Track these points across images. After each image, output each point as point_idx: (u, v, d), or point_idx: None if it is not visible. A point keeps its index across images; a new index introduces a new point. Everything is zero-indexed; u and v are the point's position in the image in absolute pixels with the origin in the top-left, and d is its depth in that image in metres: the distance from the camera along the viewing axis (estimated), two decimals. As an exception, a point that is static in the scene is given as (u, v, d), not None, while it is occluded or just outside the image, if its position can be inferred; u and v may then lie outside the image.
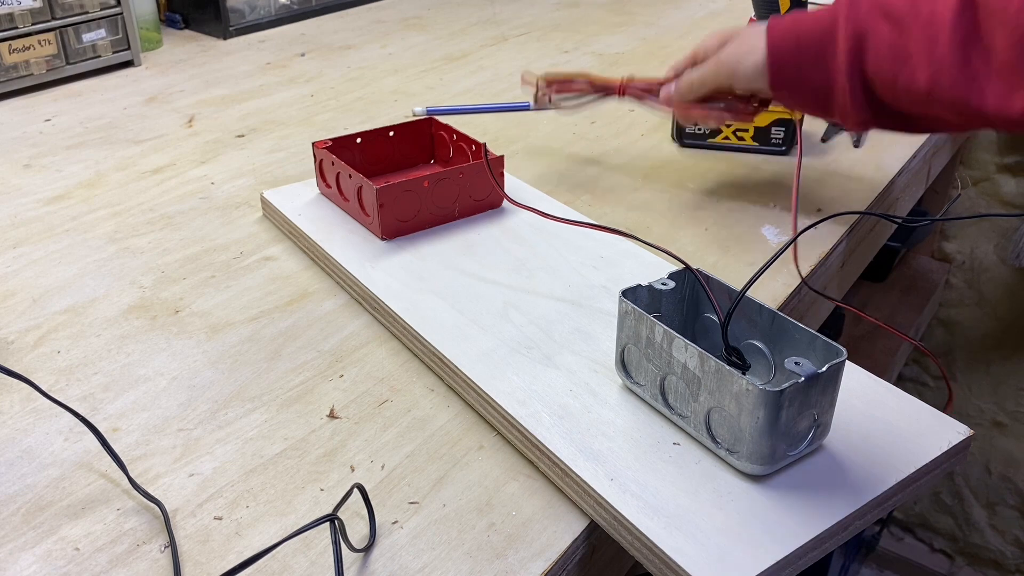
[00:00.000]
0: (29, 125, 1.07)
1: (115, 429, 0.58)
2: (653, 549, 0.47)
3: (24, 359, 0.65)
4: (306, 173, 0.91)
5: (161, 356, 0.65)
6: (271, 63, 1.29)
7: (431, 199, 0.76)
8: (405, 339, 0.66)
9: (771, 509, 0.49)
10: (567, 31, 1.42)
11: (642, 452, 0.53)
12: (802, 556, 0.47)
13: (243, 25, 1.41)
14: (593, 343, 0.62)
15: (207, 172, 0.94)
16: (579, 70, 0.93)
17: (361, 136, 0.84)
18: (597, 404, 0.57)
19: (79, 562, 0.48)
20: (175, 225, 0.84)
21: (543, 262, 0.72)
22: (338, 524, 0.47)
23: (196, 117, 1.09)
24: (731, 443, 0.51)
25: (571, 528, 0.51)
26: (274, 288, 0.73)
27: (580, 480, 0.51)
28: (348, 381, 0.62)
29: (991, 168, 1.60)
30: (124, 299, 0.72)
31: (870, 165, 0.93)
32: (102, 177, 0.94)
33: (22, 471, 0.55)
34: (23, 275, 0.76)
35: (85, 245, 0.80)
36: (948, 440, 0.54)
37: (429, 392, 0.61)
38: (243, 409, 0.60)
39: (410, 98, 1.14)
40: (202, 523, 0.51)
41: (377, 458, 0.55)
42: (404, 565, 0.48)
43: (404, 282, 0.70)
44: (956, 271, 1.69)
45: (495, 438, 0.57)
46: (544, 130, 1.03)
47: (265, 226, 0.83)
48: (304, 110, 1.11)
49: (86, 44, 1.19)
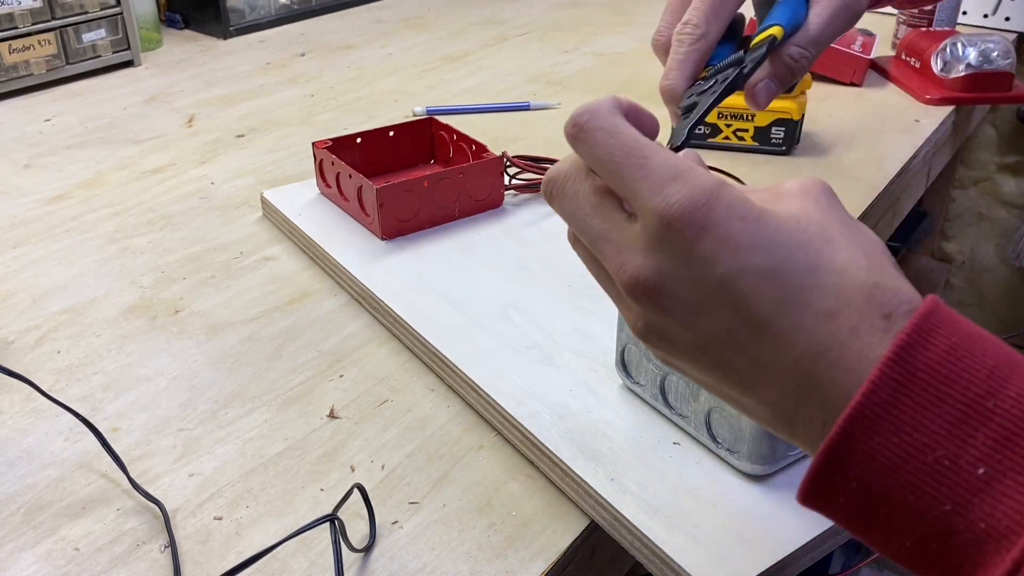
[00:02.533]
0: (29, 125, 1.07)
1: (115, 429, 0.58)
2: (653, 549, 0.47)
3: (24, 359, 0.65)
4: (306, 173, 0.91)
5: (161, 356, 0.65)
6: (271, 63, 1.29)
7: (431, 199, 0.76)
8: (405, 339, 0.66)
9: (771, 509, 0.49)
10: (567, 31, 1.42)
11: (642, 452, 0.53)
12: (802, 556, 0.47)
13: (243, 25, 1.41)
14: (593, 343, 0.62)
15: (207, 172, 0.94)
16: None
17: (361, 136, 0.84)
18: (597, 404, 0.57)
19: (79, 562, 0.48)
20: (175, 225, 0.83)
21: (543, 262, 0.72)
22: (338, 524, 0.47)
23: (196, 117, 1.09)
24: (731, 443, 0.51)
25: (571, 528, 0.50)
26: (274, 288, 0.73)
27: (580, 480, 0.51)
28: (348, 381, 0.62)
29: (991, 168, 1.60)
30: (124, 299, 0.72)
31: (870, 165, 0.93)
32: (102, 177, 0.94)
33: (22, 471, 0.55)
34: (23, 275, 0.76)
35: (85, 245, 0.80)
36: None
37: (429, 392, 0.61)
38: (243, 409, 0.60)
39: (410, 98, 1.14)
40: (202, 523, 0.51)
41: (377, 458, 0.55)
42: (404, 565, 0.48)
43: (404, 282, 0.69)
44: (956, 271, 1.69)
45: (495, 438, 0.57)
46: (544, 130, 1.02)
47: (265, 226, 0.83)
48: (304, 110, 1.11)
49: (86, 44, 1.19)
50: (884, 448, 0.29)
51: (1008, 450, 0.28)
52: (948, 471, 0.29)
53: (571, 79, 1.20)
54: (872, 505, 0.30)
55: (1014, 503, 0.28)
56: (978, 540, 0.28)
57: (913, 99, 1.10)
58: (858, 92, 1.12)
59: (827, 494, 0.31)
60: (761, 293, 0.32)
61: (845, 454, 0.30)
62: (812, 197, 0.35)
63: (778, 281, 0.32)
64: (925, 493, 0.29)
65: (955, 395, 0.29)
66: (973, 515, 0.28)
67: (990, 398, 0.29)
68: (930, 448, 0.29)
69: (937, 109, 1.07)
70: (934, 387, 0.29)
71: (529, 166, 0.82)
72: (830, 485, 0.31)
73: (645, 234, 0.34)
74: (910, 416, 0.29)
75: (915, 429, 0.29)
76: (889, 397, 0.29)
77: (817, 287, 0.32)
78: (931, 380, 0.29)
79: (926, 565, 0.30)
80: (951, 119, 1.07)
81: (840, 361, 0.31)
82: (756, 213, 0.33)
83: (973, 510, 0.28)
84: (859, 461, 0.30)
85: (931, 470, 0.29)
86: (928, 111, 1.06)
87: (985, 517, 0.28)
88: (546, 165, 0.83)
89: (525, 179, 0.82)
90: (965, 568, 0.29)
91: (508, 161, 0.81)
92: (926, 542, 0.29)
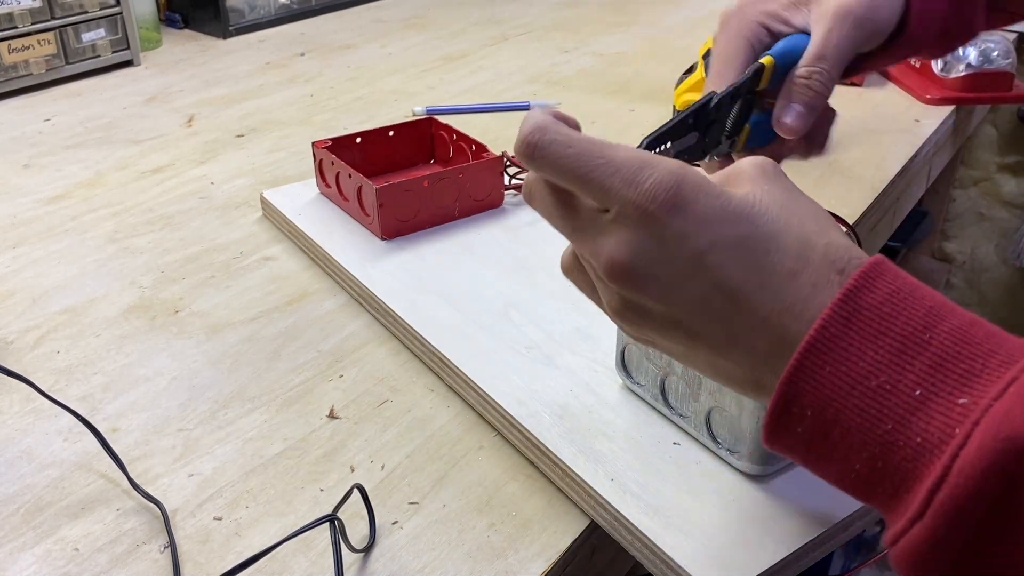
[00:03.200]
0: (29, 125, 1.07)
1: (115, 429, 0.58)
2: (653, 549, 0.47)
3: (24, 359, 0.65)
4: (306, 173, 0.91)
5: (161, 356, 0.65)
6: (271, 63, 1.29)
7: (431, 199, 0.76)
8: (405, 339, 0.66)
9: (772, 509, 0.49)
10: (567, 31, 1.42)
11: (642, 452, 0.53)
12: (803, 556, 0.47)
13: (243, 25, 1.41)
14: (593, 343, 0.62)
15: (207, 172, 0.94)
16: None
17: (361, 136, 0.84)
18: (597, 404, 0.57)
19: (79, 562, 0.48)
20: (175, 225, 0.83)
21: (543, 262, 0.72)
22: (338, 524, 0.47)
23: (196, 117, 1.09)
24: (732, 443, 0.50)
25: (571, 528, 0.50)
26: (274, 288, 0.73)
27: (580, 480, 0.51)
28: (348, 381, 0.62)
29: (991, 168, 1.60)
30: (124, 299, 0.72)
31: (870, 165, 0.93)
32: (102, 177, 0.94)
33: (22, 471, 0.55)
34: (23, 275, 0.76)
35: (85, 245, 0.80)
36: (949, 440, 0.54)
37: (429, 392, 0.61)
38: (243, 409, 0.60)
39: (410, 98, 1.14)
40: (202, 523, 0.51)
41: (377, 458, 0.55)
42: (404, 565, 0.48)
43: (404, 282, 0.69)
44: (956, 271, 1.69)
45: (495, 438, 0.57)
46: (544, 130, 1.02)
47: (265, 226, 0.83)
48: (304, 110, 1.11)
49: (86, 44, 1.19)
50: (834, 376, 0.33)
51: (941, 374, 0.32)
52: (889, 394, 0.32)
53: (571, 79, 1.20)
54: (826, 430, 0.34)
55: (945, 419, 0.31)
56: (915, 454, 0.32)
57: (913, 99, 1.10)
58: (858, 92, 1.12)
59: (787, 426, 0.35)
60: (731, 262, 0.35)
61: (801, 384, 0.34)
62: (762, 174, 0.38)
63: (745, 250, 0.35)
64: (870, 414, 0.33)
65: (895, 329, 0.33)
66: (910, 431, 0.32)
67: (926, 331, 0.33)
68: (873, 375, 0.33)
69: (937, 109, 1.07)
70: (876, 322, 0.33)
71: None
72: (789, 416, 0.34)
73: (620, 221, 0.36)
74: (856, 347, 0.33)
75: (860, 359, 0.33)
76: (838, 332, 0.33)
77: (779, 251, 0.35)
78: (874, 317, 0.33)
79: (873, 488, 0.33)
80: (951, 119, 1.07)
81: (804, 314, 0.34)
82: (719, 191, 0.36)
83: (911, 427, 0.32)
84: (812, 390, 0.33)
85: (874, 394, 0.32)
86: (928, 111, 1.06)
87: (920, 432, 0.32)
88: None
89: (525, 179, 0.82)
90: (907, 483, 0.32)
91: (508, 161, 0.81)
92: (873, 462, 0.33)
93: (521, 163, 0.39)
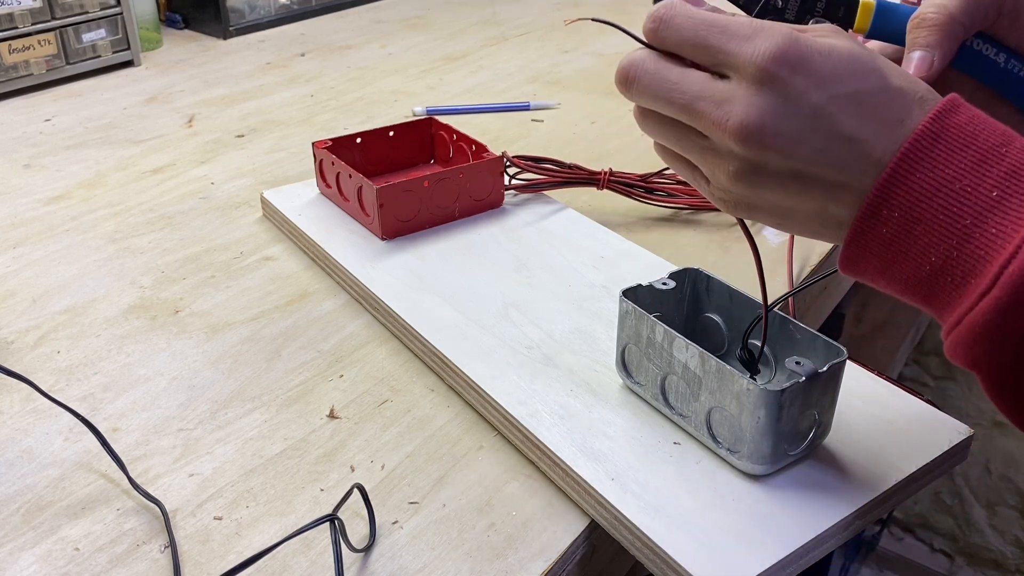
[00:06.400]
0: (29, 125, 1.07)
1: (115, 429, 0.58)
2: (654, 549, 0.47)
3: (24, 359, 0.65)
4: (306, 173, 0.91)
5: (161, 356, 0.65)
6: (271, 63, 1.29)
7: (431, 199, 0.76)
8: (405, 339, 0.66)
9: (772, 509, 0.49)
10: (567, 31, 1.42)
11: (643, 452, 0.53)
12: (802, 556, 0.47)
13: (243, 25, 1.41)
14: (593, 343, 0.62)
15: (207, 172, 0.94)
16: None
17: (361, 136, 0.84)
18: (597, 404, 0.57)
19: (79, 562, 0.48)
20: (175, 225, 0.83)
21: (543, 262, 0.72)
22: (338, 524, 0.47)
23: (196, 117, 1.09)
24: (732, 443, 0.51)
25: (571, 528, 0.50)
26: (274, 288, 0.73)
27: (580, 480, 0.51)
28: (348, 381, 0.62)
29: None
30: (124, 299, 0.72)
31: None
32: (102, 177, 0.94)
33: (22, 471, 0.55)
34: (23, 275, 0.76)
35: (85, 245, 0.80)
36: (948, 440, 0.54)
37: (429, 392, 0.61)
38: (243, 409, 0.60)
39: (410, 98, 1.14)
40: (202, 523, 0.51)
41: (377, 458, 0.55)
42: (404, 565, 0.48)
43: (404, 282, 0.69)
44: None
45: (495, 438, 0.57)
46: (544, 130, 1.02)
47: (265, 226, 0.83)
48: (304, 110, 1.11)
49: (86, 44, 1.19)
50: (924, 180, 0.38)
51: (1015, 180, 0.37)
52: (970, 195, 0.38)
53: (571, 79, 1.20)
54: (911, 228, 0.39)
55: (1017, 214, 0.37)
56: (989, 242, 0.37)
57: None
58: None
59: (872, 228, 0.40)
60: (847, 113, 0.40)
61: (894, 189, 0.39)
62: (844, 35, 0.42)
63: (857, 101, 0.40)
64: (952, 212, 0.38)
65: (976, 144, 0.38)
66: (987, 224, 0.37)
67: (1003, 147, 0.38)
68: (957, 179, 0.38)
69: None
70: (960, 139, 0.38)
71: (529, 166, 0.82)
72: (877, 220, 0.39)
73: (743, 83, 0.40)
74: (943, 158, 0.38)
75: (946, 166, 0.38)
76: (928, 144, 0.38)
77: (886, 103, 0.40)
78: (958, 134, 0.39)
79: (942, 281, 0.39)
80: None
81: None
82: (828, 48, 0.40)
83: (987, 221, 0.37)
84: (904, 193, 0.39)
85: (957, 196, 0.38)
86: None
87: (996, 224, 0.37)
88: (546, 165, 0.83)
89: (525, 179, 0.82)
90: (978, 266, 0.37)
91: (508, 161, 0.81)
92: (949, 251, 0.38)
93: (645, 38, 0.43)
